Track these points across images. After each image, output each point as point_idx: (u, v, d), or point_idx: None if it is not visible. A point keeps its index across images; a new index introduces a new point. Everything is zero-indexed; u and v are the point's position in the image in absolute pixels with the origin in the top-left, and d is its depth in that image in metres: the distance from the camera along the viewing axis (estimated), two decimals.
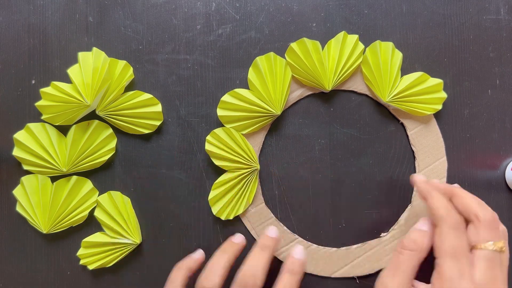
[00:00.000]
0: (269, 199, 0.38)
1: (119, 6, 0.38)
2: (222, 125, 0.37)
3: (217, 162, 0.37)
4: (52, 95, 0.35)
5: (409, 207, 0.38)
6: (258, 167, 0.37)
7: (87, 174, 0.38)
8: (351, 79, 0.38)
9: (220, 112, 0.37)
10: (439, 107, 0.38)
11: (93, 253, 0.37)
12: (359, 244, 0.38)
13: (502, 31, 0.38)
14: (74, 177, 0.37)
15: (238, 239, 0.36)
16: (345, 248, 0.38)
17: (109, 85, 0.36)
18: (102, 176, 0.38)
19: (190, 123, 0.38)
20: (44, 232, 0.37)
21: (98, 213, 0.38)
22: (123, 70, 0.37)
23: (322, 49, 0.37)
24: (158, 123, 0.37)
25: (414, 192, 0.38)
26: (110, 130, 0.38)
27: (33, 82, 0.38)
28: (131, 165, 0.38)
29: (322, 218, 0.38)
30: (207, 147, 0.37)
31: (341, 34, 0.37)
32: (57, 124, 0.36)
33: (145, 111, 0.37)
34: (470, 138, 0.38)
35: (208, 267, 0.33)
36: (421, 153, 0.38)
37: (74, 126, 0.37)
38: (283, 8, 0.38)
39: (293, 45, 0.36)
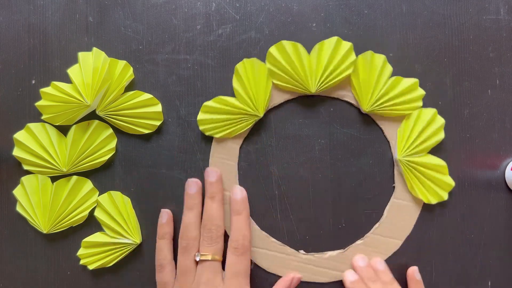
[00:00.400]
0: (269, 199, 0.38)
1: (119, 6, 0.38)
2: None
3: (235, 84, 0.37)
4: (52, 95, 0.35)
5: (341, 250, 0.38)
6: (261, 116, 0.37)
7: (87, 174, 0.38)
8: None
9: (272, 50, 0.37)
10: (446, 196, 0.38)
11: (93, 253, 0.37)
12: (281, 243, 0.38)
13: (502, 31, 0.38)
14: (74, 177, 0.37)
15: (193, 189, 0.37)
16: (265, 235, 0.38)
17: (109, 85, 0.36)
18: (102, 176, 0.38)
19: (190, 123, 0.38)
20: (44, 232, 0.37)
21: (98, 213, 0.38)
22: (123, 70, 0.37)
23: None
24: (158, 123, 0.37)
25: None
26: (110, 130, 0.38)
27: (33, 82, 0.38)
28: (131, 165, 0.38)
29: (322, 218, 0.38)
30: (238, 66, 0.37)
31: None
32: (57, 124, 0.36)
33: (145, 111, 0.37)
34: (470, 138, 0.38)
35: (183, 227, 0.36)
36: (386, 223, 0.38)
37: (74, 126, 0.37)
38: (283, 8, 0.38)
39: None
